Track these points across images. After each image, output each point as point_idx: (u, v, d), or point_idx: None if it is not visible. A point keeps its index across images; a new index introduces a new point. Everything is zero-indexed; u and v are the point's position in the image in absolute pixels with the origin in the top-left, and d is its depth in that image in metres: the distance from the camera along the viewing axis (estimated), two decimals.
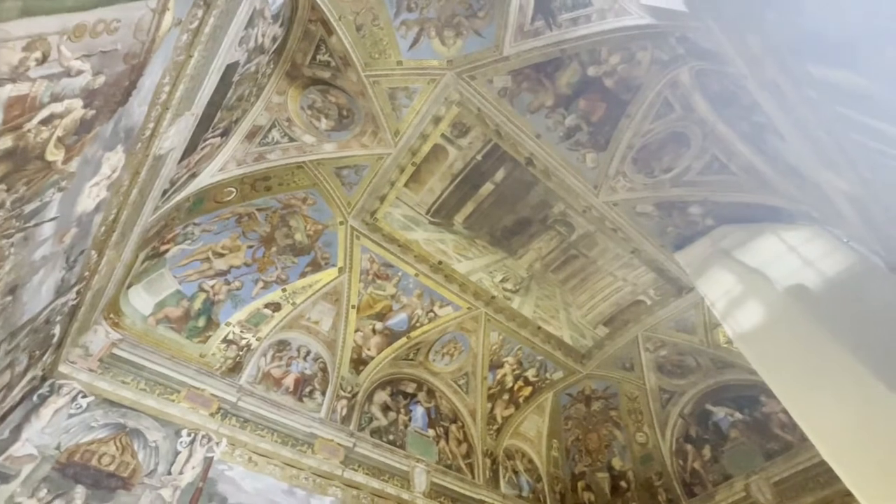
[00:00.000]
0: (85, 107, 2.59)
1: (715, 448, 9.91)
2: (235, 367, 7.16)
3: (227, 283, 7.43)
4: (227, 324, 7.36)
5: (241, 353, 7.32)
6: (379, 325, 8.90)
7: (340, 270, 8.30)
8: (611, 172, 7.43)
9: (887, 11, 2.17)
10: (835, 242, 6.00)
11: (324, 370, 8.22)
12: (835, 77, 2.89)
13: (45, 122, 2.37)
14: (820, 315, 5.58)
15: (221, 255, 7.38)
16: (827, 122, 3.60)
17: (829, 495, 7.97)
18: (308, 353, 8.18)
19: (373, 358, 8.90)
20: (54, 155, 2.57)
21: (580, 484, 11.16)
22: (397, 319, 9.03)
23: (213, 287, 7.29)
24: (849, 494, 7.36)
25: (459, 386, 9.98)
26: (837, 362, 5.14)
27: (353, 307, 8.55)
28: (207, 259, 7.25)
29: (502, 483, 9.71)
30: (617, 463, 11.09)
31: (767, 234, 6.88)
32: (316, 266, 8.16)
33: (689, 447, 10.23)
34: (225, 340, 7.29)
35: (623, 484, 10.89)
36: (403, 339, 9.19)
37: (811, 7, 2.70)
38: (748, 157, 6.47)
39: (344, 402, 8.12)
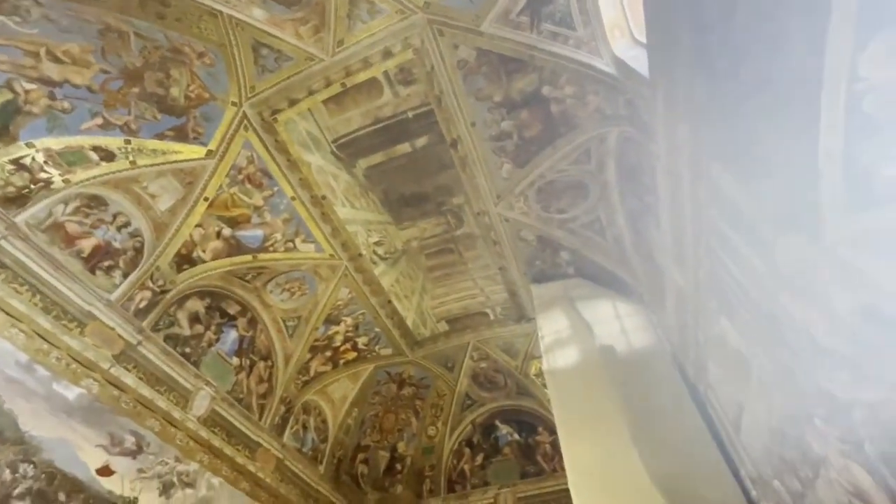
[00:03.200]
0: None
1: (487, 458, 11.10)
2: (18, 200, 5.58)
3: (53, 97, 5.75)
4: (30, 145, 5.69)
5: (33, 186, 5.73)
6: (227, 231, 7.86)
7: (209, 154, 7.10)
8: (517, 190, 7.75)
9: None
10: (648, 324, 7.16)
11: (138, 251, 6.93)
12: (725, 183, 3.36)
13: None
14: (613, 375, 6.56)
15: (59, 62, 5.68)
16: (698, 221, 4.21)
17: None
18: (126, 224, 6.80)
19: (204, 262, 7.82)
20: None
21: (360, 455, 11.45)
22: (251, 234, 8.10)
23: (28, 92, 5.57)
24: None
25: (287, 327, 9.38)
26: (607, 416, 6.10)
27: (205, 199, 7.39)
28: (36, 55, 5.51)
29: (287, 433, 9.43)
30: (402, 447, 11.65)
31: (606, 299, 7.92)
32: (181, 135, 6.83)
33: (467, 451, 11.27)
34: (17, 163, 5.63)
35: (398, 466, 11.48)
36: (248, 258, 8.28)
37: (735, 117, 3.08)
38: (622, 230, 7.34)
39: (148, 294, 6.95)
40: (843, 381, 2.62)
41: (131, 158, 6.61)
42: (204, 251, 7.76)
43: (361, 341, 10.42)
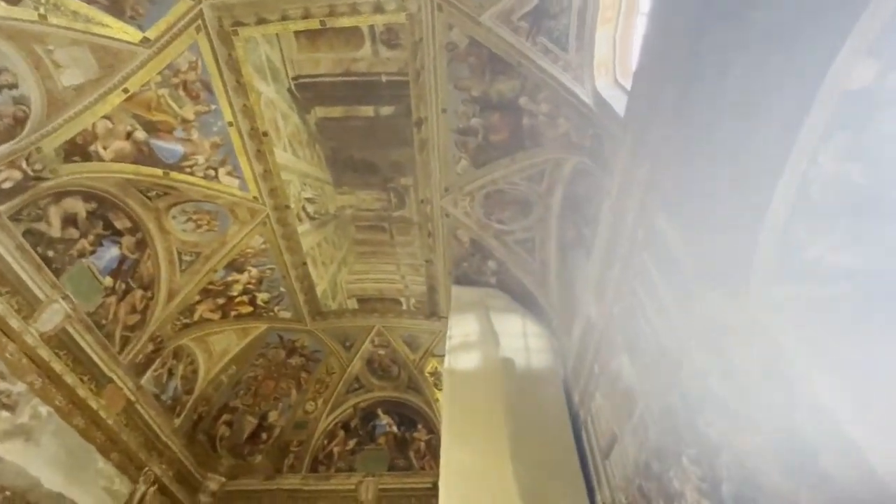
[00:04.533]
0: None
1: (360, 444, 10.90)
2: None
3: None
4: None
5: None
6: (141, 135, 6.84)
7: (144, 42, 6.10)
8: (466, 189, 7.75)
9: None
10: (550, 348, 7.53)
11: (19, 122, 5.74)
12: (667, 231, 3.62)
13: None
14: (507, 388, 6.78)
15: None
16: (629, 260, 4.50)
17: None
18: (12, 86, 5.61)
19: (101, 160, 6.72)
20: None
21: (225, 416, 10.62)
22: (169, 147, 7.13)
23: None
24: None
25: (181, 260, 8.40)
26: (493, 426, 6.29)
27: (125, 91, 6.36)
28: None
29: (148, 375, 8.43)
30: (273, 416, 11.01)
31: (518, 316, 8.20)
32: (116, 8, 5.79)
33: (341, 433, 10.97)
34: None
35: (264, 436, 10.83)
36: (158, 172, 7.27)
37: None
38: (551, 255, 7.68)
39: (17, 175, 5.79)
40: (721, 427, 2.91)
41: (42, 11, 5.46)
42: (105, 148, 6.66)
43: (261, 297, 9.68)
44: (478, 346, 7.63)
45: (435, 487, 9.55)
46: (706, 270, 3.06)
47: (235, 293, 9.31)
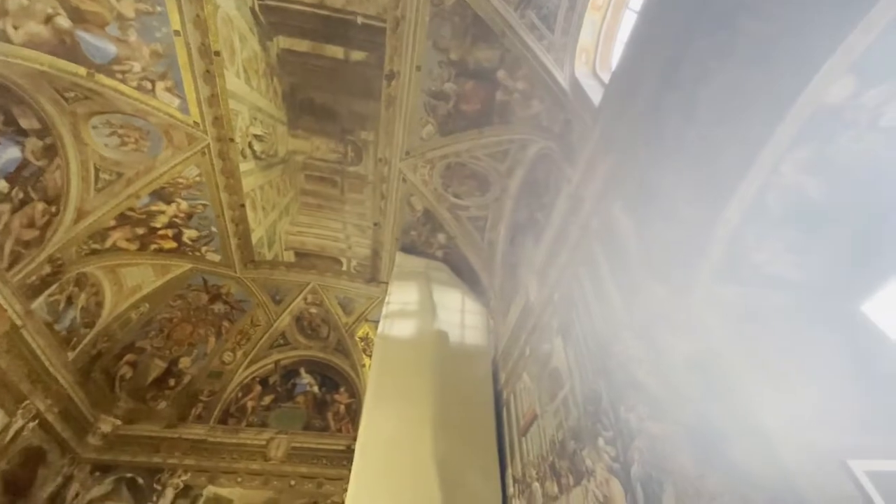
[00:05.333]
0: None
1: (277, 401, 10.55)
2: None
3: None
4: None
5: None
6: (65, 23, 5.87)
7: None
8: (428, 156, 7.52)
9: None
10: (485, 327, 7.64)
11: None
12: (621, 222, 3.68)
13: None
14: (437, 360, 6.79)
15: None
16: (577, 248, 4.58)
17: (318, 473, 9.47)
18: None
19: (9, 42, 5.70)
20: None
21: (129, 357, 9.79)
22: (98, 44, 6.19)
23: None
24: (336, 480, 8.85)
25: (99, 178, 7.46)
26: (419, 394, 6.30)
27: None
28: None
29: (42, 300, 7.51)
30: (185, 362, 10.34)
31: (459, 291, 8.22)
32: None
33: (258, 388, 10.55)
34: None
35: (171, 381, 10.16)
36: (81, 71, 6.32)
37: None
38: (500, 237, 7.72)
39: None
40: (640, 414, 3.04)
41: None
42: (15, 28, 5.65)
43: (189, 235, 8.90)
44: (415, 315, 7.56)
45: (349, 450, 9.54)
46: (655, 264, 3.14)
47: (159, 225, 8.48)
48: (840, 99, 2.06)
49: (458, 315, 7.82)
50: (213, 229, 8.91)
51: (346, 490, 8.31)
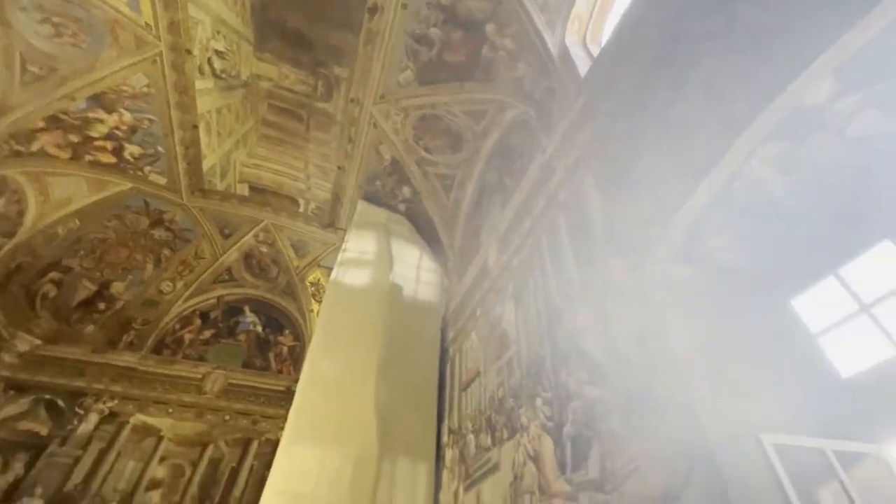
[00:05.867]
0: None
1: (217, 336, 10.26)
2: None
3: None
4: None
5: None
6: None
7: None
8: (403, 103, 7.21)
9: None
10: (439, 286, 7.70)
11: None
12: (589, 195, 3.74)
13: None
14: (388, 312, 6.82)
15: None
16: (542, 217, 4.64)
17: (255, 410, 9.46)
18: None
19: None
20: None
21: (54, 274, 9.07)
22: None
23: None
24: (273, 418, 8.87)
25: (26, 70, 6.56)
26: (367, 343, 6.33)
27: None
28: None
29: None
30: (118, 287, 9.73)
31: (418, 248, 8.18)
32: None
33: (198, 321, 10.19)
34: None
35: (101, 305, 9.57)
36: None
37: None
38: (466, 198, 7.67)
39: None
40: (580, 379, 3.21)
41: None
42: None
43: (131, 151, 8.15)
44: (371, 266, 7.48)
45: (288, 391, 9.55)
46: (616, 240, 3.24)
47: (97, 135, 7.68)
48: (818, 101, 2.14)
49: (415, 271, 7.82)
50: (160, 149, 8.20)
51: (282, 428, 8.39)
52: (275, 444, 8.91)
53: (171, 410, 9.03)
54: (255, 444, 9.16)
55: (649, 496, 2.27)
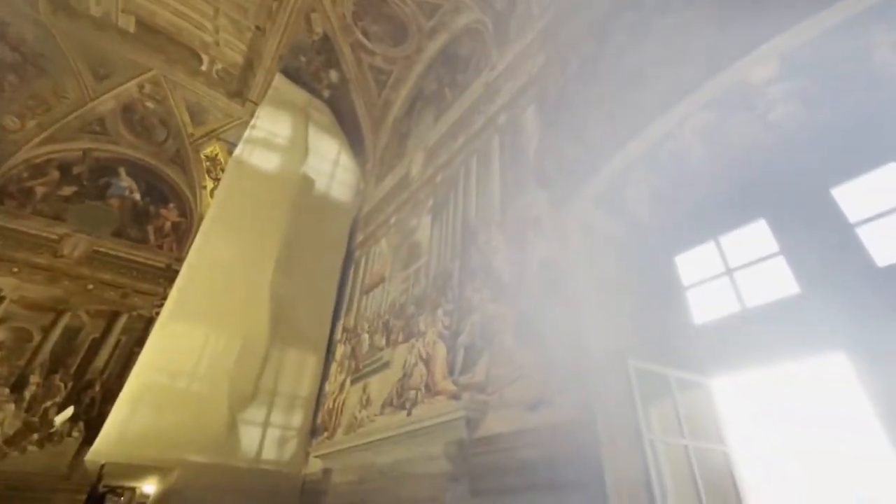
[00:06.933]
0: None
1: (80, 195, 8.80)
2: None
3: None
4: None
5: None
6: None
7: None
8: None
9: None
10: (354, 187, 7.38)
11: None
12: (530, 120, 3.74)
13: None
14: (295, 202, 6.43)
15: None
16: (474, 135, 4.57)
17: (126, 283, 8.63)
18: None
19: None
20: None
21: None
22: None
23: None
24: (148, 294, 8.22)
25: None
26: (268, 230, 5.99)
27: None
28: None
29: None
30: None
31: (337, 143, 7.62)
32: None
33: (55, 174, 8.57)
34: None
35: None
36: None
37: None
38: (398, 101, 7.22)
39: None
40: (483, 296, 3.43)
41: None
42: None
43: None
44: (282, 151, 6.84)
45: (168, 270, 8.82)
46: (545, 172, 3.33)
47: None
48: (758, 81, 2.30)
49: (331, 167, 7.35)
50: None
51: (158, 306, 7.86)
52: (148, 321, 8.37)
53: (16, 270, 7.78)
54: (123, 318, 8.46)
55: (525, 400, 2.61)
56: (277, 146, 6.78)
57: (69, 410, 7.27)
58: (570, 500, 2.03)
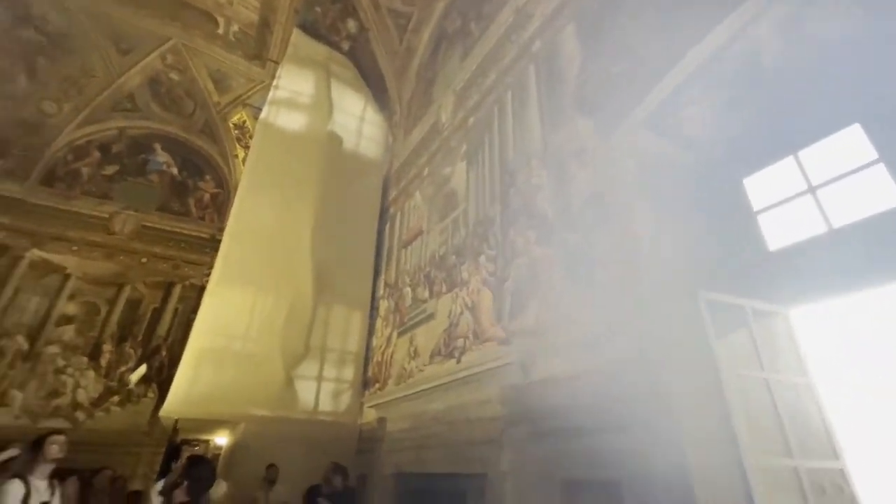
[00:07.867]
0: None
1: (122, 173, 9.10)
2: None
3: None
4: None
5: None
6: None
7: None
8: None
9: None
10: (384, 140, 7.19)
11: None
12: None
13: None
14: (327, 163, 6.33)
15: None
16: (506, 69, 4.23)
17: (175, 255, 9.00)
18: None
19: None
20: None
21: None
22: None
23: None
24: (196, 265, 8.53)
25: None
26: (303, 193, 5.96)
27: None
28: None
29: None
30: None
31: (362, 97, 7.38)
32: None
33: (97, 154, 8.86)
34: None
35: None
36: None
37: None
38: (423, 43, 6.82)
39: None
40: (529, 238, 3.26)
41: None
42: None
43: None
44: (307, 109, 6.69)
45: (213, 240, 9.09)
46: (588, 98, 3.03)
47: None
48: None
49: (357, 122, 7.15)
50: None
51: (206, 274, 8.16)
52: (200, 289, 8.75)
53: (74, 248, 8.25)
54: (178, 288, 8.91)
55: (581, 341, 2.48)
56: (302, 105, 6.61)
57: (142, 368, 7.89)
58: (641, 438, 1.93)
